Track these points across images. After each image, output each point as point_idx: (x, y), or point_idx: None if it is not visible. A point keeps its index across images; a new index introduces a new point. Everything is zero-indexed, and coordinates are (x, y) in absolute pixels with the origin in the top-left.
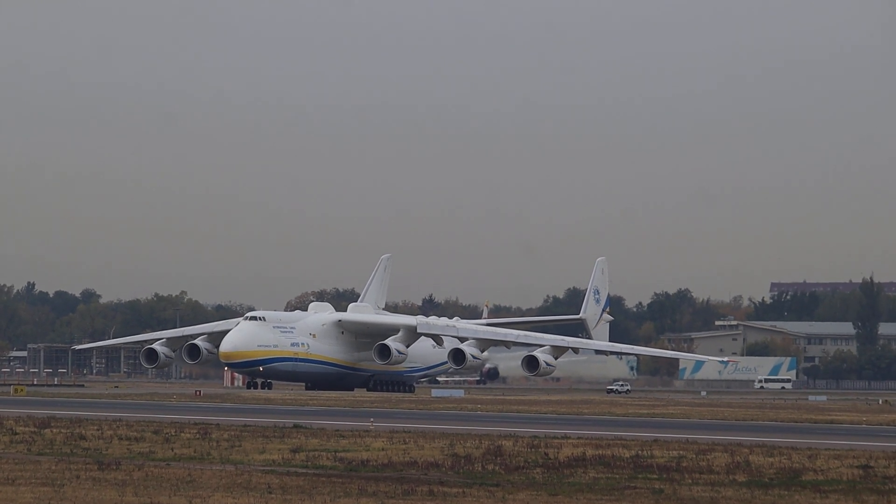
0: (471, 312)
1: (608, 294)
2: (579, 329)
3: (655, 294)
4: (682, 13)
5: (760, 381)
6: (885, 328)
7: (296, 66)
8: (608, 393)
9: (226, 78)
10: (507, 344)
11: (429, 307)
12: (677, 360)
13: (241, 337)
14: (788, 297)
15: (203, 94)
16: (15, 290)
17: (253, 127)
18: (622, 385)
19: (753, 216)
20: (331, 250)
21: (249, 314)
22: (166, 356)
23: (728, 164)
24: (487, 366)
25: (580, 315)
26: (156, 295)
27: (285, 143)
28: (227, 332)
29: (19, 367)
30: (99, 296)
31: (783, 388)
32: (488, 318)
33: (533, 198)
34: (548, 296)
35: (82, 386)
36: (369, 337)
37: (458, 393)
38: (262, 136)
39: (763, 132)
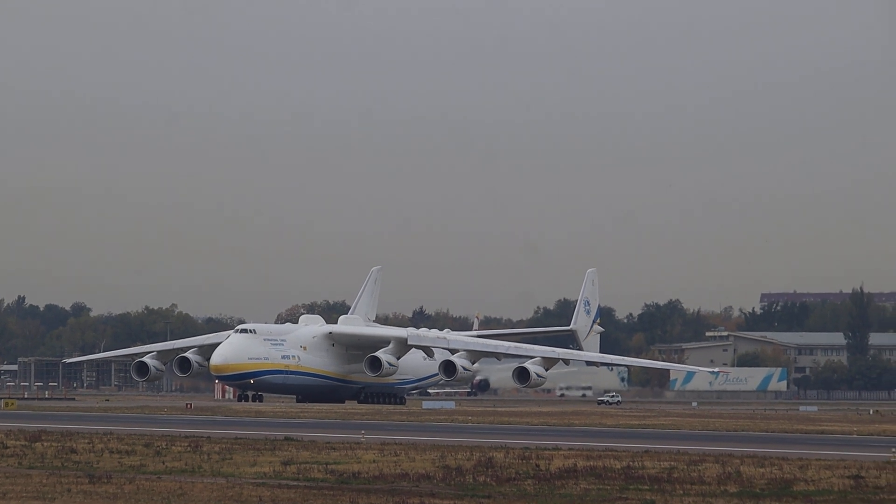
0: (461, 324)
1: (599, 305)
2: (570, 340)
3: (646, 305)
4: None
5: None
6: (876, 338)
7: (291, 79)
8: (599, 404)
9: (219, 90)
10: (497, 355)
11: (419, 319)
12: (668, 371)
13: (231, 350)
14: (779, 308)
15: (195, 107)
16: (5, 304)
17: (243, 140)
18: (613, 396)
19: (743, 227)
20: (321, 263)
21: (240, 327)
22: (157, 369)
23: (718, 175)
24: (478, 377)
25: (571, 326)
26: (146, 308)
27: (275, 158)
28: (217, 344)
29: (10, 381)
30: (89, 309)
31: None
32: (479, 329)
33: (523, 209)
34: (538, 307)
35: (73, 399)
36: (360, 349)
37: (449, 405)
38: (252, 149)
39: (754, 143)
